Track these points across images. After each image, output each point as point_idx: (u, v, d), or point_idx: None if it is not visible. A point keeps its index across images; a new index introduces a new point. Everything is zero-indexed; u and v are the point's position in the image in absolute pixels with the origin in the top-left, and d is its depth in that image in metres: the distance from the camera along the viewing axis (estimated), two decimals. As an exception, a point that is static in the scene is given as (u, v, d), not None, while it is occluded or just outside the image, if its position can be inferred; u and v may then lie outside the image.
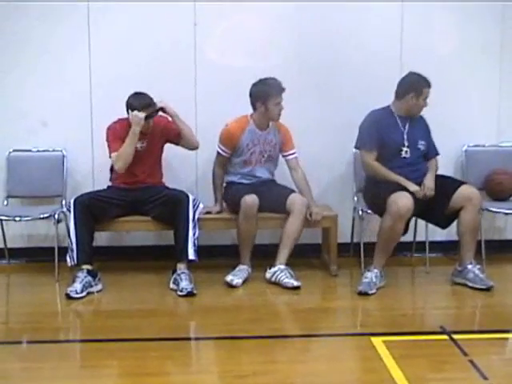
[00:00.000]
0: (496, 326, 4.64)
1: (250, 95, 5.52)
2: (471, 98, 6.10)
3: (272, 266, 5.40)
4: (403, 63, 5.83)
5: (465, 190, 5.36)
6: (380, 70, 5.87)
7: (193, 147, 5.62)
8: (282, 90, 5.46)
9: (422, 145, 5.52)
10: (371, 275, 5.24)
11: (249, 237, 5.48)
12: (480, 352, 4.14)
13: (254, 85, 5.50)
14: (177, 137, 5.54)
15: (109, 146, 5.46)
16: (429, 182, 5.41)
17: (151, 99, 5.41)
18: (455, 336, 4.35)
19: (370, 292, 5.14)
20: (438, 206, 5.37)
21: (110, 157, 5.43)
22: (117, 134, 5.44)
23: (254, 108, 5.55)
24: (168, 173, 5.74)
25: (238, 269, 5.47)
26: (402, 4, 5.96)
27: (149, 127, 5.45)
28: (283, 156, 5.74)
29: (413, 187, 5.29)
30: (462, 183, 5.47)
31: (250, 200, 5.39)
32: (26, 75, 5.87)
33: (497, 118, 6.18)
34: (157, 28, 5.86)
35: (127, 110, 5.41)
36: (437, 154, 5.64)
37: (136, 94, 5.41)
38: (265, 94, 5.46)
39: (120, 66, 5.85)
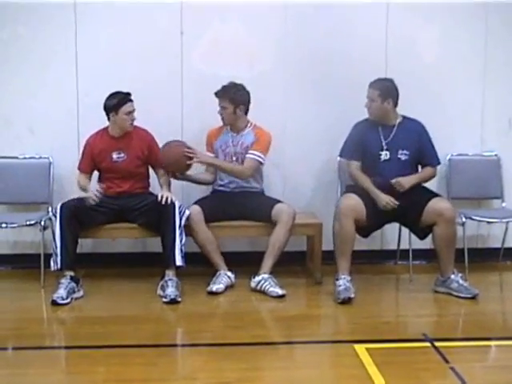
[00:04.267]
0: (478, 334, 4.68)
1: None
2: (455, 107, 6.15)
3: (256, 274, 5.43)
4: (388, 75, 5.85)
5: (435, 204, 5.28)
6: (365, 81, 5.89)
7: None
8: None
9: (403, 154, 5.42)
10: (343, 282, 5.22)
11: (207, 245, 5.51)
12: (461, 359, 4.19)
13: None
14: (153, 165, 5.68)
15: (80, 158, 5.63)
16: (403, 179, 5.32)
17: (126, 93, 5.46)
18: (437, 343, 4.39)
19: (352, 296, 5.14)
20: (412, 218, 5.35)
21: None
22: (89, 150, 5.58)
23: None
24: (152, 180, 5.76)
25: (216, 276, 5.49)
26: (387, 12, 6.02)
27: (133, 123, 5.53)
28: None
29: (381, 201, 5.28)
30: (433, 196, 5.38)
31: (192, 212, 5.46)
32: (12, 82, 5.90)
33: (480, 127, 6.22)
34: (143, 37, 5.89)
35: (107, 115, 5.47)
36: (432, 163, 5.55)
37: (110, 95, 5.46)
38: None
39: (106, 73, 5.87)
